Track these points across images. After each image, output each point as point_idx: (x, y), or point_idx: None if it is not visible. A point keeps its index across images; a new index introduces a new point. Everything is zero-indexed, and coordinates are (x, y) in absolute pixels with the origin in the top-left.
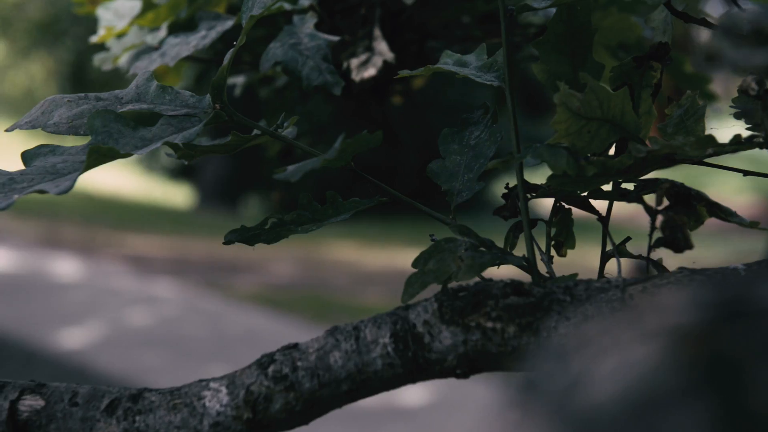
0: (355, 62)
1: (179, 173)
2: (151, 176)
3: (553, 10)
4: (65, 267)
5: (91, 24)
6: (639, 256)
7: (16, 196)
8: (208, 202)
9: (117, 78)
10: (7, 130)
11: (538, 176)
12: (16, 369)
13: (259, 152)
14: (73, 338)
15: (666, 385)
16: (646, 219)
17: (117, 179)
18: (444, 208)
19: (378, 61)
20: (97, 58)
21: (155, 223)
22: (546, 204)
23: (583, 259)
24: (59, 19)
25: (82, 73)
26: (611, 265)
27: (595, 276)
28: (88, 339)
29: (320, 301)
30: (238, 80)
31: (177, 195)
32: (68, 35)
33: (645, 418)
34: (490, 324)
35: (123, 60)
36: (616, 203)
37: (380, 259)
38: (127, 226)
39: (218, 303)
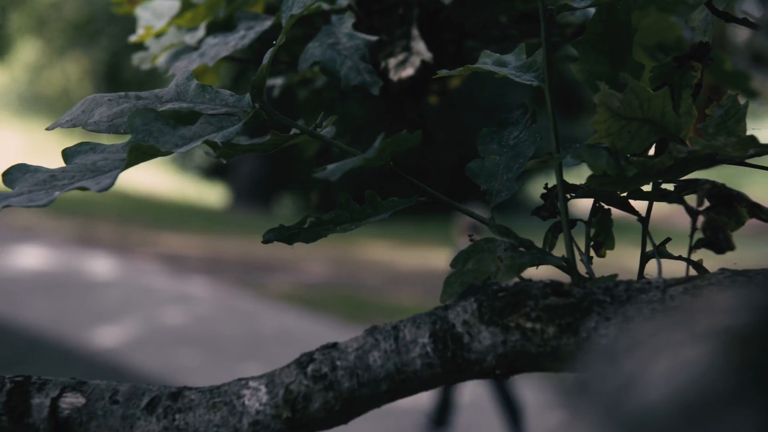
0: (392, 62)
1: (213, 172)
2: (185, 175)
3: (592, 9)
4: (101, 265)
5: (127, 24)
6: (679, 257)
7: (57, 193)
8: (242, 201)
9: (152, 78)
10: (47, 129)
11: (573, 176)
12: (52, 366)
13: (293, 152)
14: (109, 336)
15: (717, 387)
16: (680, 219)
17: (152, 178)
18: (478, 208)
19: (416, 60)
20: (136, 57)
21: (189, 222)
22: (582, 204)
23: (619, 259)
24: (95, 19)
25: (117, 73)
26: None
27: (633, 277)
28: (123, 337)
29: (353, 300)
30: (277, 81)
31: (211, 194)
32: (104, 35)
33: (697, 420)
34: (529, 324)
35: (161, 60)
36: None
37: (413, 259)
38: (161, 225)
39: (252, 302)
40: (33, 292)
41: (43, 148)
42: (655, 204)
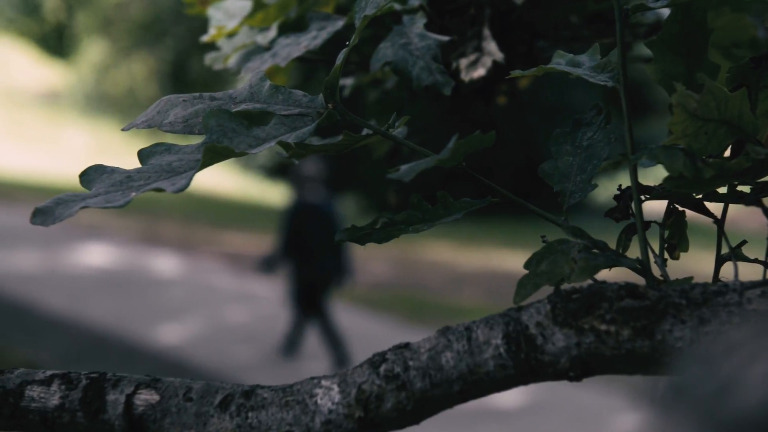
0: (464, 62)
1: (275, 172)
2: (248, 175)
3: (665, 9)
4: (164, 264)
5: (192, 24)
6: (755, 260)
7: (133, 194)
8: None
9: (216, 78)
10: (123, 129)
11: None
12: (117, 363)
13: (355, 152)
14: (172, 334)
15: None
16: (750, 222)
17: (215, 177)
18: (545, 208)
19: (487, 61)
20: (208, 58)
21: (252, 221)
22: (652, 206)
23: (691, 262)
24: (160, 19)
25: (182, 73)
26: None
27: (706, 279)
28: (186, 335)
29: (415, 300)
30: (347, 82)
31: (273, 193)
32: (169, 35)
33: None
34: (604, 327)
35: (232, 60)
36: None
37: (475, 260)
38: (225, 223)
39: None
40: (98, 290)
41: (109, 147)
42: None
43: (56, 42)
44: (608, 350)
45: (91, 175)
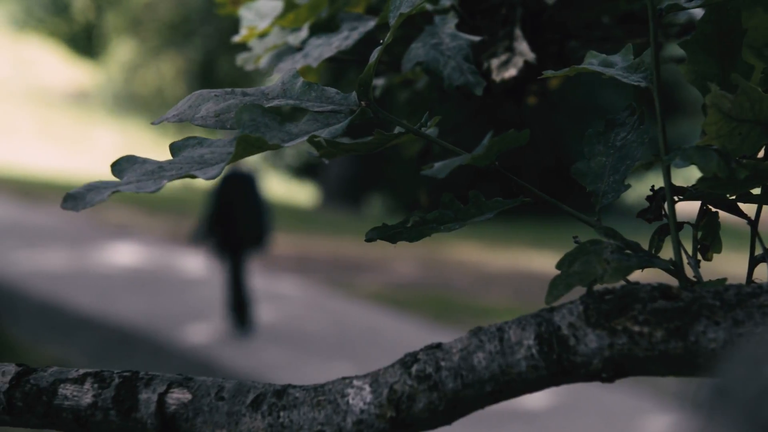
0: (495, 62)
1: (303, 172)
2: (275, 174)
3: (697, 9)
4: (192, 263)
5: (220, 24)
6: None
7: (165, 181)
8: (332, 200)
9: (244, 77)
10: (153, 123)
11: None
12: (144, 361)
13: (383, 152)
14: (199, 333)
15: None
16: None
17: None
18: (572, 209)
19: (519, 61)
20: (240, 58)
21: (279, 221)
22: (683, 207)
23: (723, 263)
24: (189, 19)
25: (210, 73)
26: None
27: (739, 281)
28: (213, 334)
29: (442, 300)
30: (378, 82)
31: (301, 193)
32: (197, 35)
33: None
34: (637, 328)
35: (264, 60)
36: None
37: (502, 260)
38: None
39: (341, 301)
40: (127, 289)
41: (138, 146)
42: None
43: (85, 42)
44: (641, 351)
45: (123, 164)
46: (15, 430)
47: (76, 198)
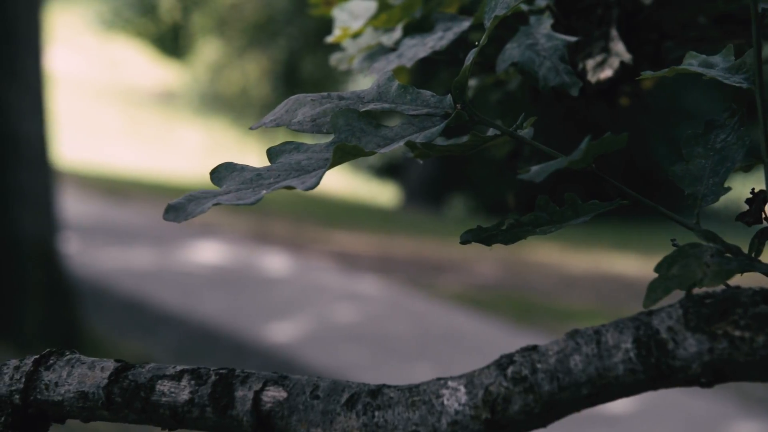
0: (591, 63)
1: (385, 172)
2: (357, 174)
3: None
4: (275, 262)
5: (305, 25)
6: None
7: (264, 192)
8: (413, 201)
9: (328, 78)
10: (251, 128)
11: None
12: (227, 359)
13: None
14: (281, 332)
15: None
16: None
17: (325, 177)
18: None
19: (615, 62)
20: (334, 58)
21: (361, 221)
22: None
23: None
24: (274, 20)
25: (294, 73)
26: None
27: None
28: (295, 333)
29: (523, 302)
30: (471, 83)
31: (383, 193)
32: (282, 35)
33: None
34: (738, 332)
35: (357, 61)
36: None
37: (585, 263)
38: (334, 223)
39: (422, 301)
40: (210, 287)
41: (222, 146)
42: None
43: (172, 42)
44: (742, 356)
45: (222, 172)
46: (107, 425)
47: (177, 209)
